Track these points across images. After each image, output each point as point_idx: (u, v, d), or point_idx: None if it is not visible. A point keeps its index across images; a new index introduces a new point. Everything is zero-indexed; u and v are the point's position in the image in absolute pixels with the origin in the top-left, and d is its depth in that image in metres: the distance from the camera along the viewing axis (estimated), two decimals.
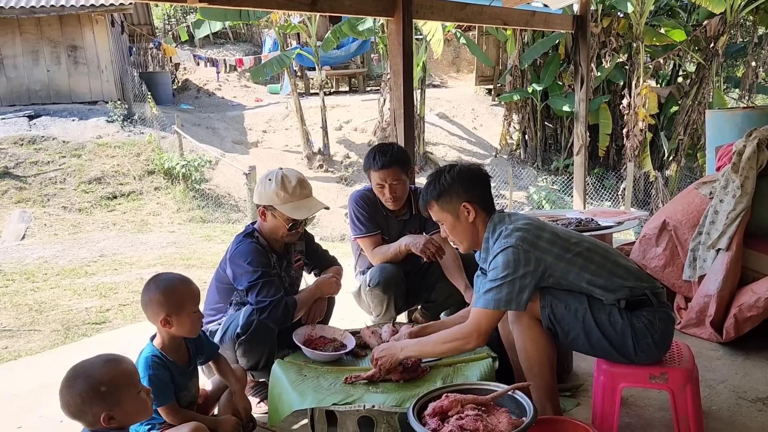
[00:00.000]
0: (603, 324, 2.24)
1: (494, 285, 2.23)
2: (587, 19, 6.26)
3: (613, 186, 13.37)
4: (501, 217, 2.40)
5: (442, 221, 2.44)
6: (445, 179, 2.39)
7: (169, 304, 2.25)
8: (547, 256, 2.25)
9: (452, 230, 2.43)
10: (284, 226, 2.82)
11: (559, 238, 2.30)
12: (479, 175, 2.44)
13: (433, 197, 2.41)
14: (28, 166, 10.89)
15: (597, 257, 2.30)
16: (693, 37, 13.15)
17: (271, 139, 15.10)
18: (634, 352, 2.24)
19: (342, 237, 10.14)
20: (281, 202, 2.78)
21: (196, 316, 2.32)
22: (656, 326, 2.24)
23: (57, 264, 7.28)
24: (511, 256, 2.22)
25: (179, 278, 2.36)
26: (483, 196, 2.42)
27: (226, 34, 20.42)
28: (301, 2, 3.68)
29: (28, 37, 13.10)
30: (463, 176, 2.40)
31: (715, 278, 3.43)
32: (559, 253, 2.26)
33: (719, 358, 3.24)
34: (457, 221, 2.40)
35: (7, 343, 4.60)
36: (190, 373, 2.42)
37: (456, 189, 2.37)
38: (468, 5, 5.11)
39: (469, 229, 2.40)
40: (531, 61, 14.04)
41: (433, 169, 2.81)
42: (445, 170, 2.43)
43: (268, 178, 2.83)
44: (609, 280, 2.26)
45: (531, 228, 2.29)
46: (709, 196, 3.73)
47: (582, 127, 6.47)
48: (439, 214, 2.43)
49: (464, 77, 20.59)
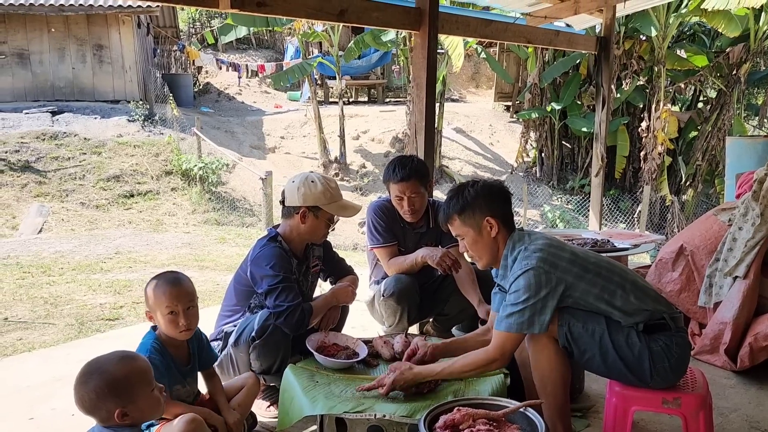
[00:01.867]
0: (620, 346, 2.23)
1: (516, 309, 2.23)
2: (611, 41, 6.26)
3: (629, 208, 13.30)
4: (521, 235, 2.40)
5: (464, 236, 2.42)
6: (468, 193, 2.38)
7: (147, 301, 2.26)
8: (568, 277, 2.25)
9: (473, 245, 2.41)
10: (325, 227, 2.87)
11: (578, 258, 2.30)
12: (502, 191, 2.44)
13: (456, 211, 2.39)
14: (48, 161, 11.04)
15: (616, 278, 2.29)
16: (715, 63, 13.10)
17: (289, 145, 15.19)
18: (650, 376, 2.23)
19: (354, 246, 10.17)
20: (328, 202, 2.83)
21: (171, 317, 2.26)
22: (673, 351, 2.23)
23: (73, 259, 7.36)
24: (532, 279, 2.21)
25: (167, 278, 2.31)
26: (505, 213, 2.41)
27: (249, 39, 20.62)
28: (329, 12, 3.72)
29: (55, 34, 13.32)
30: (487, 191, 2.39)
31: (731, 306, 3.41)
32: (579, 273, 2.26)
33: (732, 387, 3.21)
34: (479, 236, 2.39)
35: (22, 335, 4.65)
36: (188, 371, 2.41)
37: (479, 204, 2.36)
38: (493, 22, 5.14)
39: (491, 244, 2.40)
40: (551, 79, 14.05)
41: (448, 183, 2.82)
42: (468, 185, 2.43)
43: (310, 180, 2.85)
44: (627, 302, 2.26)
45: (551, 249, 2.29)
46: (728, 222, 3.71)
47: (601, 147, 6.46)
48: (460, 229, 2.41)
49: (483, 93, 20.62)
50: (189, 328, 2.32)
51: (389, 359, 2.77)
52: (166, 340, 2.32)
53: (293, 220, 2.87)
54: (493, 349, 2.29)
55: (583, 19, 6.46)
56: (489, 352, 2.30)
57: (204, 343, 2.50)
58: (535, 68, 14.31)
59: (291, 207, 2.86)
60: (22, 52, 13.17)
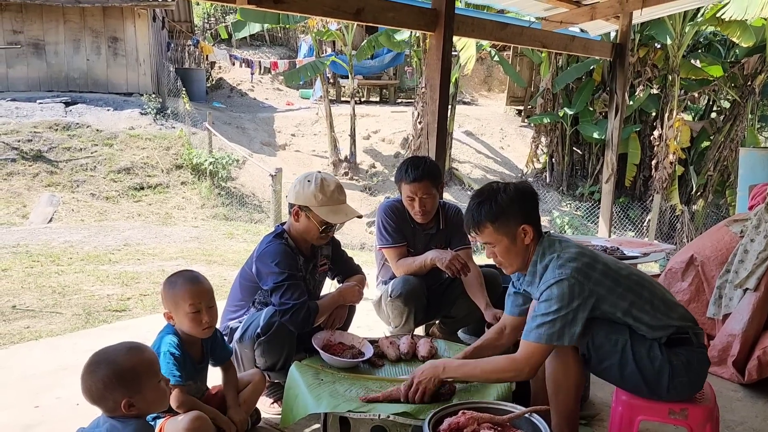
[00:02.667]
0: (641, 358, 2.18)
1: (547, 319, 2.15)
2: (626, 48, 6.24)
3: (638, 217, 13.23)
4: (551, 241, 2.31)
5: (495, 244, 2.30)
6: (502, 199, 2.26)
7: (168, 301, 2.30)
8: (600, 289, 2.18)
9: (506, 253, 2.30)
10: (317, 229, 2.83)
11: (610, 270, 2.23)
12: (534, 194, 2.34)
13: (489, 219, 2.26)
14: (60, 151, 11.09)
15: (646, 293, 2.24)
16: (730, 74, 13.02)
17: (299, 142, 15.22)
18: (666, 390, 2.20)
19: (362, 245, 10.17)
20: (318, 205, 2.79)
21: (195, 316, 2.30)
22: (693, 366, 2.20)
23: (82, 249, 7.40)
24: (566, 289, 2.14)
25: (186, 276, 2.35)
26: (537, 218, 2.33)
27: (263, 36, 20.68)
28: (345, 11, 3.72)
29: (71, 25, 13.39)
30: (520, 196, 2.28)
31: (741, 318, 3.38)
32: (611, 286, 2.20)
33: (740, 399, 3.19)
34: (512, 244, 2.28)
35: (29, 323, 4.67)
36: (200, 369, 2.45)
37: (514, 210, 2.26)
38: (508, 26, 5.13)
39: (523, 252, 2.30)
40: (564, 85, 13.99)
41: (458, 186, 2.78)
42: (500, 189, 2.30)
43: (307, 179, 2.84)
44: (655, 316, 2.21)
45: (585, 258, 2.22)
46: (739, 234, 3.68)
47: (613, 155, 6.43)
48: (492, 237, 2.29)
49: (495, 96, 20.59)
50: (211, 326, 2.38)
51: (394, 360, 2.78)
52: (184, 338, 2.35)
53: (291, 217, 2.88)
54: (521, 358, 2.21)
55: (599, 25, 6.44)
56: (517, 361, 2.22)
57: (218, 339, 2.52)
58: (548, 73, 14.27)
59: (289, 203, 2.87)
60: (37, 42, 13.24)
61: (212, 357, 2.50)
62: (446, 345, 2.98)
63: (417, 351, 2.83)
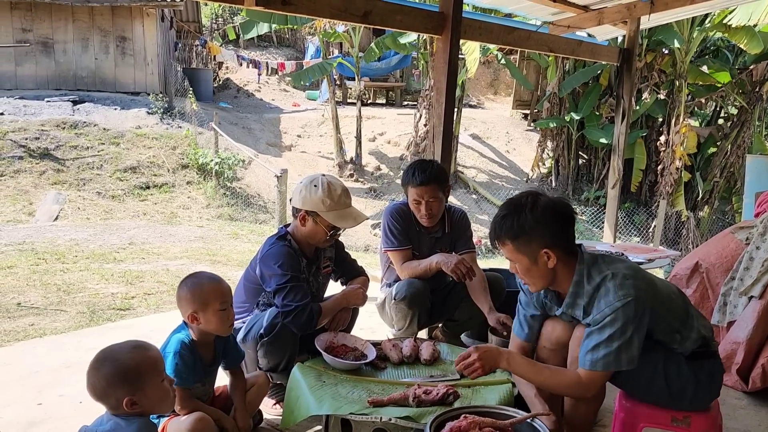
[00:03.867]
0: (669, 374, 2.15)
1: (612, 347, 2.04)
2: (634, 53, 6.23)
3: (643, 222, 13.19)
4: (593, 259, 2.17)
5: (516, 261, 2.19)
6: (526, 219, 2.10)
7: (196, 301, 2.31)
8: (654, 305, 2.12)
9: (526, 273, 2.18)
10: (325, 233, 2.83)
11: (656, 284, 2.18)
12: (566, 215, 2.17)
13: (509, 237, 2.14)
14: (67, 149, 11.14)
15: (689, 309, 2.22)
16: (738, 80, 12.98)
17: (305, 144, 15.24)
18: (690, 402, 2.18)
19: (366, 247, 10.17)
20: (326, 210, 2.78)
21: (223, 313, 2.35)
22: (715, 378, 2.20)
23: (87, 247, 7.43)
24: (632, 311, 2.03)
25: (208, 277, 2.41)
26: (568, 239, 2.17)
27: (271, 37, 20.73)
28: (353, 14, 3.72)
29: (80, 24, 13.45)
30: (548, 217, 2.11)
31: (745, 325, 3.36)
32: (663, 301, 2.16)
33: (743, 408, 3.17)
34: (533, 265, 2.15)
35: (34, 321, 4.69)
36: (210, 371, 2.46)
37: (539, 232, 2.10)
38: (516, 30, 5.13)
39: (548, 274, 2.17)
40: (570, 89, 13.98)
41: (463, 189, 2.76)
42: (528, 205, 2.13)
43: (314, 183, 2.82)
44: (687, 328, 2.18)
45: (638, 274, 2.13)
46: (745, 241, 3.67)
47: (619, 160, 6.42)
48: (512, 254, 2.17)
49: (501, 100, 20.57)
50: (233, 323, 2.45)
51: (397, 363, 2.78)
52: (198, 339, 2.37)
53: (296, 221, 2.88)
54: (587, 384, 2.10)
55: (607, 30, 6.43)
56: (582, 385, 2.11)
57: (231, 341, 2.53)
58: (555, 77, 14.25)
59: (294, 207, 2.87)
60: (46, 40, 13.31)
61: (225, 359, 2.51)
62: (449, 348, 2.98)
63: (420, 354, 2.83)
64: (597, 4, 5.75)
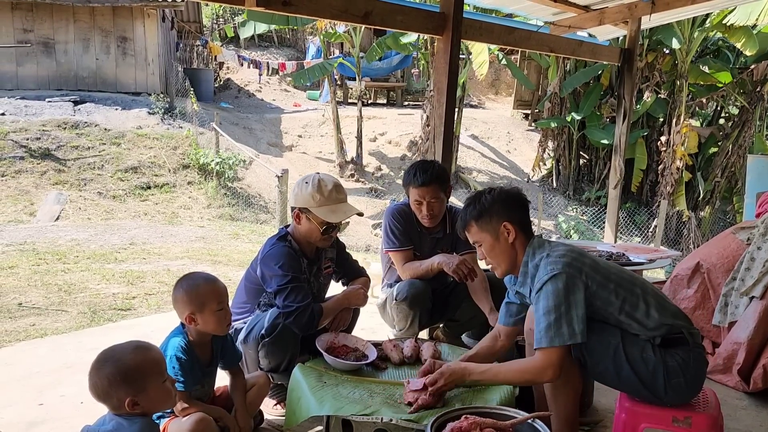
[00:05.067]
0: (635, 359, 2.20)
1: (551, 319, 2.15)
2: (635, 53, 6.22)
3: (644, 222, 13.19)
4: (540, 242, 2.38)
5: (481, 242, 2.41)
6: (485, 199, 2.39)
7: (193, 302, 2.32)
8: (591, 283, 2.22)
9: (491, 252, 2.40)
10: (318, 230, 2.83)
11: (599, 267, 2.28)
12: (519, 198, 2.44)
13: (473, 217, 2.40)
14: (69, 149, 11.16)
15: (638, 290, 2.27)
16: (739, 80, 12.98)
17: (306, 144, 15.24)
18: (664, 391, 2.20)
19: (367, 248, 10.17)
20: (317, 205, 2.80)
21: (220, 313, 2.35)
22: (690, 366, 2.20)
23: (88, 247, 7.43)
24: (560, 284, 2.17)
25: (203, 277, 2.42)
26: (522, 219, 2.41)
27: (271, 37, 20.75)
28: (353, 14, 3.72)
29: (81, 25, 13.46)
30: (504, 197, 2.40)
31: (746, 326, 3.36)
32: (602, 282, 2.24)
33: (744, 408, 3.17)
34: (496, 242, 2.38)
35: (35, 321, 4.70)
36: (208, 372, 2.46)
37: (496, 209, 2.36)
38: (516, 30, 5.13)
39: (509, 250, 2.38)
40: (571, 89, 13.99)
41: (464, 189, 2.82)
42: (486, 192, 2.44)
43: (305, 181, 2.86)
44: (648, 315, 2.23)
45: (574, 254, 2.28)
46: (746, 241, 3.67)
47: (620, 160, 6.41)
48: (477, 235, 2.41)
49: (502, 100, 20.58)
50: (230, 323, 2.46)
51: (398, 363, 2.78)
52: (194, 341, 2.37)
53: (293, 220, 2.89)
54: (540, 365, 2.19)
55: (607, 30, 6.43)
56: (537, 367, 2.20)
57: (229, 342, 2.53)
58: (555, 77, 14.26)
59: (290, 207, 2.90)
60: (47, 41, 13.32)
61: (222, 360, 2.51)
62: (450, 349, 2.98)
63: (420, 354, 2.83)
64: (598, 4, 5.75)
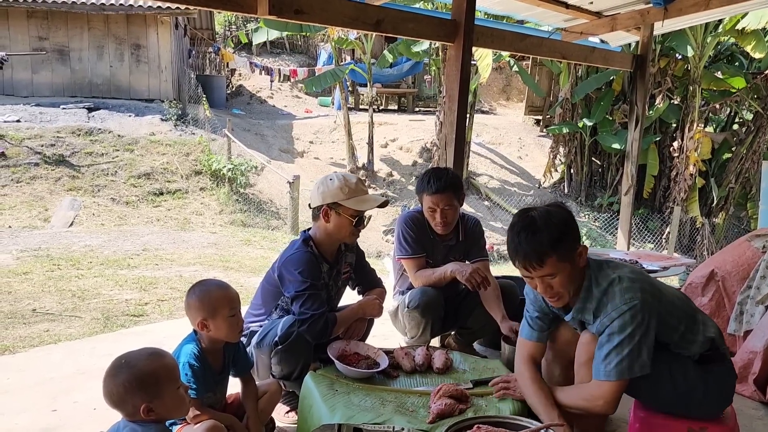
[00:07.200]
0: (677, 379, 2.15)
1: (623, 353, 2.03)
2: (647, 59, 6.19)
3: (657, 228, 13.09)
4: (597, 263, 2.18)
5: (557, 273, 2.09)
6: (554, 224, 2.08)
7: (205, 308, 2.31)
8: (662, 311, 2.11)
9: (567, 282, 2.12)
10: (350, 223, 2.83)
11: (662, 290, 2.19)
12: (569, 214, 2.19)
13: (550, 246, 2.05)
14: (83, 156, 11.26)
15: (696, 315, 2.21)
16: (752, 85, 12.87)
17: (318, 150, 15.29)
18: (698, 407, 2.17)
19: (378, 254, 10.17)
20: (346, 197, 2.80)
21: (233, 320, 2.35)
22: (726, 382, 2.18)
23: (102, 253, 7.48)
24: (639, 316, 2.03)
25: (216, 284, 2.42)
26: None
27: (283, 44, 20.86)
28: (365, 22, 3.73)
29: (95, 32, 13.62)
30: (567, 216, 2.14)
31: (762, 335, 3.33)
32: (669, 308, 2.14)
33: (760, 418, 3.13)
34: (573, 270, 2.11)
35: (49, 327, 4.73)
36: (220, 380, 2.46)
37: (567, 232, 2.10)
38: (528, 36, 5.12)
39: (579, 277, 2.16)
40: (583, 95, 13.92)
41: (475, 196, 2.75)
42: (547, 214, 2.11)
43: (329, 178, 2.86)
44: (693, 332, 2.17)
45: (643, 278, 2.13)
46: (762, 249, 3.63)
47: (633, 166, 6.37)
48: (555, 266, 2.07)
49: (513, 106, 20.54)
50: (242, 330, 2.46)
51: (410, 371, 2.76)
52: (206, 348, 2.36)
53: (320, 220, 2.88)
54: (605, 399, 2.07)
55: (620, 36, 6.40)
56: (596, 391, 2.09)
57: (240, 349, 2.53)
58: (567, 83, 14.20)
59: (316, 208, 2.88)
60: (62, 48, 13.48)
61: (234, 367, 2.51)
62: (462, 357, 2.96)
63: (432, 362, 2.82)
64: (610, 11, 5.73)
